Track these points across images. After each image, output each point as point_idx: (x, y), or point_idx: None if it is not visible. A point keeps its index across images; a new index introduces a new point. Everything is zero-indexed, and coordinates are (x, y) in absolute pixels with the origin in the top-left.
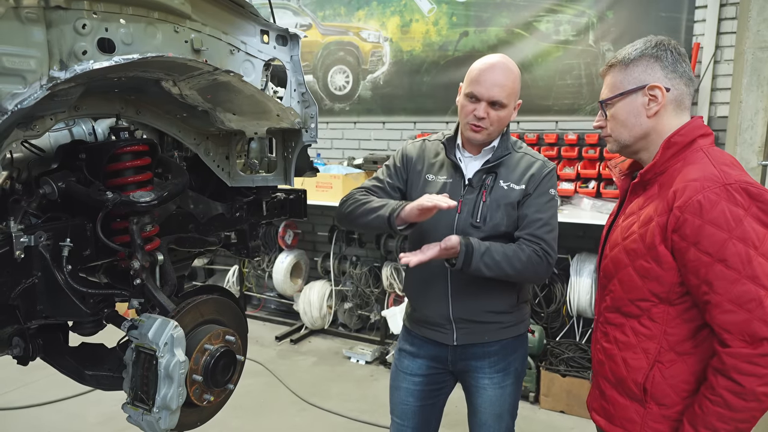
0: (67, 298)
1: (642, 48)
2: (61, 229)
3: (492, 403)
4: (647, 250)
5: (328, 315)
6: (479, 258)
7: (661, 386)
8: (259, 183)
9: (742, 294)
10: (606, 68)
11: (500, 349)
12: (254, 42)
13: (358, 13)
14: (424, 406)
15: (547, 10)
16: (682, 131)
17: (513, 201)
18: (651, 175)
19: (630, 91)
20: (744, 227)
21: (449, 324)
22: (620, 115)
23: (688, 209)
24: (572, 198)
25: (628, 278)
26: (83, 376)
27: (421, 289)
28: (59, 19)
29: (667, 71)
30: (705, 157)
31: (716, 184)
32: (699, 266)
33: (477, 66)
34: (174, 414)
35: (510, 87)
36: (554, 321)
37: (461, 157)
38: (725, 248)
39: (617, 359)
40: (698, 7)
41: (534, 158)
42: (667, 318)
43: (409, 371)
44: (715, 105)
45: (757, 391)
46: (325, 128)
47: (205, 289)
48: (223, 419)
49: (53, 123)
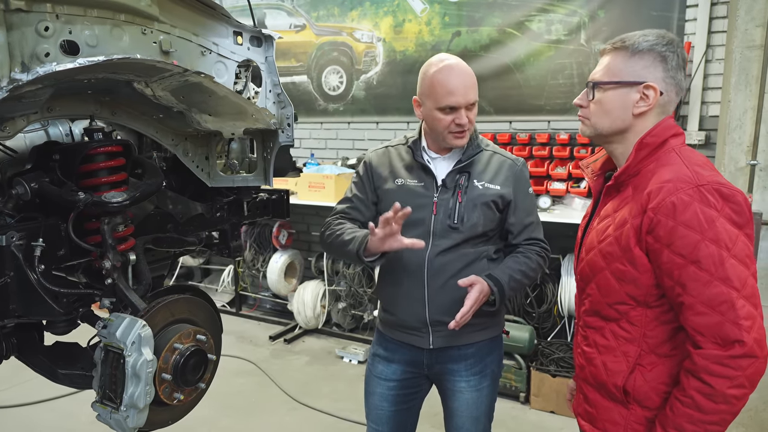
0: (39, 298)
1: (654, 42)
2: (34, 229)
3: (469, 405)
4: (623, 253)
5: (322, 315)
6: (508, 288)
7: (643, 389)
8: (239, 183)
9: (714, 296)
10: (610, 48)
11: (476, 351)
12: (227, 43)
13: (352, 14)
14: (398, 410)
15: (539, 10)
16: (654, 132)
17: (488, 201)
18: (625, 177)
19: (626, 83)
20: (716, 228)
21: (425, 327)
22: (607, 103)
23: (661, 211)
24: (564, 198)
25: (605, 282)
26: (56, 374)
27: (397, 292)
28: (20, 21)
29: (667, 74)
30: (677, 157)
31: (689, 186)
32: (672, 268)
33: (439, 78)
34: (142, 412)
35: (475, 82)
36: (545, 321)
37: (429, 159)
38: (698, 250)
39: (597, 362)
40: (689, 6)
41: (504, 157)
42: (646, 321)
43: (383, 376)
44: (707, 104)
45: (727, 393)
46: (319, 128)
47: (178, 289)
48: (212, 418)
49: (25, 124)
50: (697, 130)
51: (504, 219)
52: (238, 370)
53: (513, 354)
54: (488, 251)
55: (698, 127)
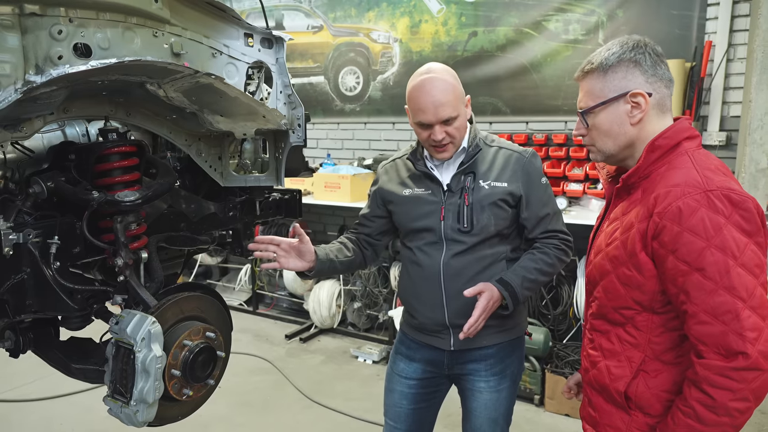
0: (54, 294)
1: (620, 52)
2: (49, 227)
3: (487, 407)
4: (628, 258)
5: (337, 314)
6: (522, 290)
7: (645, 395)
8: (252, 183)
9: (718, 305)
10: (581, 74)
11: (497, 352)
12: (237, 45)
13: (369, 14)
14: (417, 409)
15: (557, 9)
16: (667, 134)
17: (497, 200)
18: (635, 180)
19: (612, 100)
20: (723, 236)
21: (446, 330)
22: (603, 125)
23: (667, 216)
24: (581, 199)
25: (612, 286)
26: (70, 369)
27: (416, 296)
28: (34, 25)
29: (647, 75)
30: (689, 161)
31: (697, 190)
32: (677, 275)
33: (412, 94)
34: (151, 407)
35: (452, 99)
36: (561, 323)
37: (432, 166)
38: (703, 257)
39: (601, 366)
40: (711, 5)
41: (510, 151)
42: (652, 326)
43: (404, 374)
44: (728, 104)
45: (729, 406)
46: (335, 129)
47: (188, 287)
48: (228, 415)
49: (42, 125)
50: (718, 130)
51: (518, 215)
52: (254, 368)
53: (528, 356)
54: (506, 251)
55: (719, 127)
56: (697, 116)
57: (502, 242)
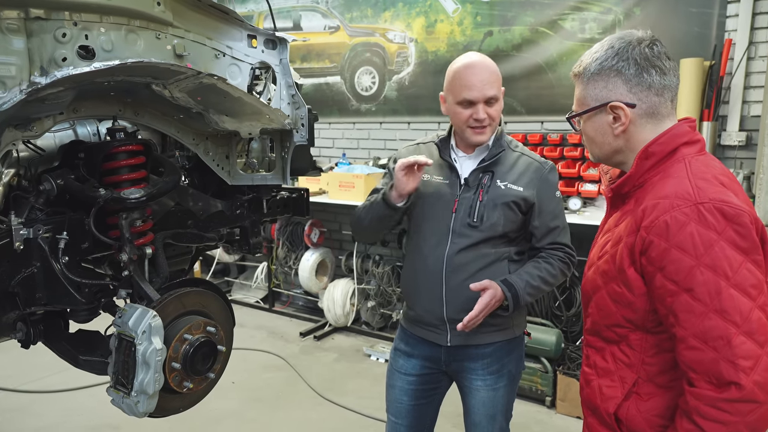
0: (63, 287)
1: (602, 58)
2: (59, 223)
3: (485, 404)
4: (618, 273)
5: (351, 313)
6: (524, 294)
7: (636, 419)
8: (259, 182)
9: (708, 330)
10: (572, 75)
11: (494, 351)
12: (241, 46)
13: (385, 15)
14: (417, 405)
15: (573, 8)
16: (661, 140)
17: (510, 201)
18: (628, 188)
19: (593, 109)
20: (715, 253)
21: (443, 324)
22: (589, 132)
23: (653, 230)
24: (595, 200)
25: (603, 302)
26: (78, 360)
27: (416, 288)
28: (39, 29)
29: (630, 85)
30: (684, 169)
31: (687, 203)
32: (665, 294)
33: (459, 73)
34: (152, 398)
35: (497, 79)
36: (574, 325)
37: (456, 158)
38: (692, 276)
39: (594, 385)
40: (731, 2)
41: (531, 159)
42: (645, 346)
43: (403, 370)
44: (748, 104)
45: None
46: (351, 128)
47: (191, 282)
48: (239, 410)
49: (52, 124)
50: (738, 130)
51: (528, 222)
52: (267, 364)
53: (540, 357)
54: (509, 253)
55: (739, 127)
56: (716, 116)
57: (507, 244)
